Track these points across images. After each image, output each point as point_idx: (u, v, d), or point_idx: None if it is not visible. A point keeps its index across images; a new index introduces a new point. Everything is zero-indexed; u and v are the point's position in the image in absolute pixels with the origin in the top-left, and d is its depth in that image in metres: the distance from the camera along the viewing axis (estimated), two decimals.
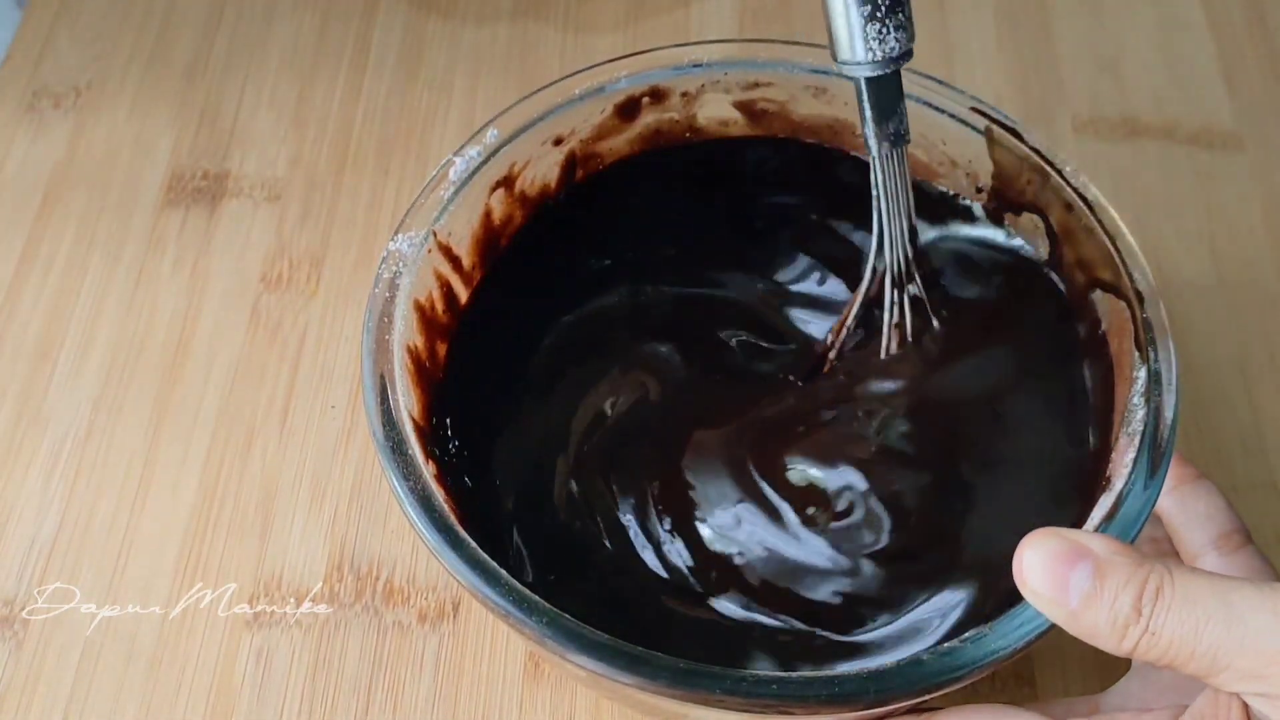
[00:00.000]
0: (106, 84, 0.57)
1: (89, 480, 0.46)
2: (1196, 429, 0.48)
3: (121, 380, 0.49)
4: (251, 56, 0.58)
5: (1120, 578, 0.29)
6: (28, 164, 0.55)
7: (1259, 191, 0.55)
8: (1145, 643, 0.28)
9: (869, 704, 0.30)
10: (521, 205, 0.42)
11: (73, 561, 0.44)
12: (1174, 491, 0.38)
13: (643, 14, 0.60)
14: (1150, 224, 0.53)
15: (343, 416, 0.48)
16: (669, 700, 0.30)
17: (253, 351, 0.49)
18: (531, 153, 0.41)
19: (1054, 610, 0.29)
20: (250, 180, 0.54)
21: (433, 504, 0.33)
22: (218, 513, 0.46)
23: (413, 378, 0.37)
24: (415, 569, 0.44)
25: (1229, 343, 0.50)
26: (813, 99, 0.42)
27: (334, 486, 0.46)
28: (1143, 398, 0.35)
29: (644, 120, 0.43)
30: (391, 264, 0.37)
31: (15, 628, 0.43)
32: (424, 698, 0.42)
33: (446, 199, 0.38)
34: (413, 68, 0.58)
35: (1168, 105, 0.57)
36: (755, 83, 0.42)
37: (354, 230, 0.53)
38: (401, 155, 0.55)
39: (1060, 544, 0.29)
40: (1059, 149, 0.40)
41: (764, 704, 0.30)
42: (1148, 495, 0.33)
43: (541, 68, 0.58)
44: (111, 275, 0.51)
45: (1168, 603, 0.28)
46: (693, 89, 0.42)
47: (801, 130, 0.43)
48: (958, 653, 0.31)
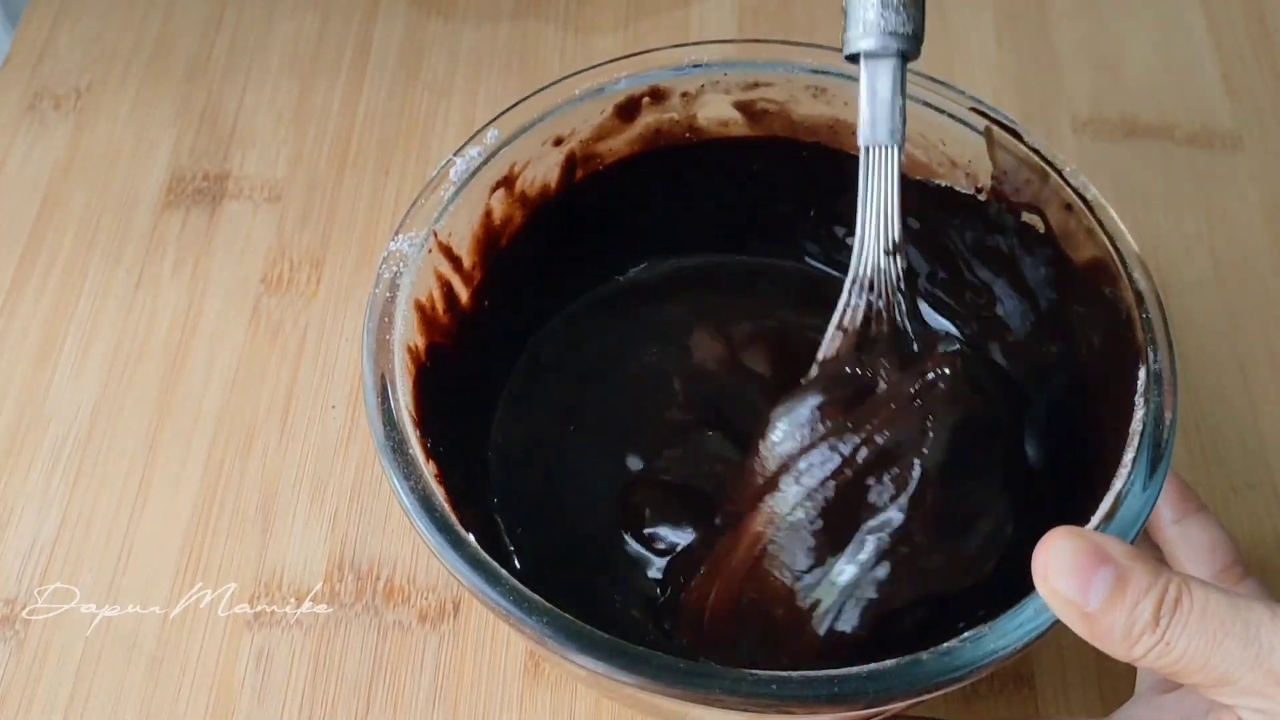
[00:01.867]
0: (107, 85, 0.57)
1: (89, 480, 0.46)
2: (1196, 429, 0.48)
3: (122, 381, 0.49)
4: (252, 57, 0.58)
5: (1141, 585, 0.28)
6: (28, 165, 0.55)
7: (1259, 191, 0.55)
8: (1157, 652, 0.28)
9: (869, 703, 0.30)
10: (522, 205, 0.42)
11: (73, 561, 0.44)
12: (1178, 524, 0.38)
13: (643, 14, 0.60)
14: (1150, 224, 0.53)
15: (343, 416, 0.48)
16: (669, 700, 0.31)
17: (253, 352, 0.49)
18: (532, 153, 0.41)
19: (1070, 611, 0.29)
20: (251, 181, 0.54)
21: (433, 504, 0.33)
22: (218, 513, 0.46)
23: (413, 378, 0.37)
24: (416, 569, 0.44)
25: (1229, 343, 0.50)
26: (812, 99, 0.42)
27: (334, 486, 0.46)
28: (1142, 398, 0.35)
29: (644, 120, 0.43)
30: (392, 264, 0.37)
31: (16, 628, 0.43)
32: (424, 697, 0.42)
33: (447, 199, 0.39)
34: (413, 68, 0.58)
35: (1167, 105, 0.57)
36: (755, 83, 0.42)
37: (354, 231, 0.53)
38: (402, 155, 0.55)
39: (1084, 545, 0.29)
40: (1058, 149, 0.40)
41: (764, 703, 0.30)
42: (1147, 495, 0.33)
43: (541, 68, 0.58)
44: (112, 276, 0.51)
45: (1186, 615, 0.28)
46: (692, 89, 0.42)
47: (801, 130, 0.43)
48: (957, 653, 0.30)
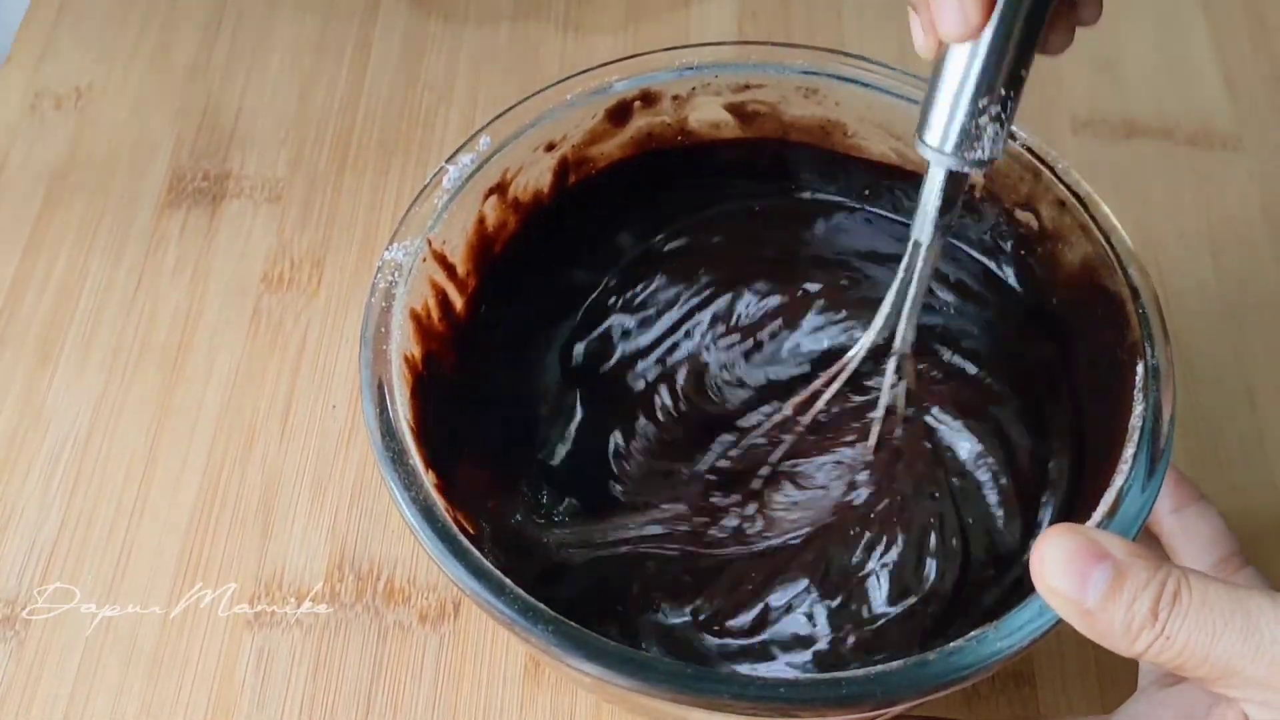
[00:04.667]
0: (108, 84, 0.57)
1: (90, 480, 0.46)
2: (1196, 429, 0.48)
3: (122, 381, 0.49)
4: (252, 57, 0.58)
5: (1139, 580, 0.28)
6: (29, 164, 0.55)
7: (1259, 191, 0.55)
8: (1158, 646, 0.28)
9: (876, 705, 0.30)
10: (515, 211, 0.42)
11: (73, 561, 0.44)
12: (1178, 513, 0.38)
13: (643, 15, 0.60)
14: (1150, 224, 0.53)
15: (344, 417, 0.48)
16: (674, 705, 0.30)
17: (254, 352, 0.49)
18: (524, 159, 0.41)
19: (1069, 608, 0.29)
20: (251, 181, 0.54)
21: (435, 514, 0.33)
22: (218, 513, 0.46)
23: (411, 387, 0.36)
24: (416, 569, 0.44)
25: (1229, 343, 0.50)
26: (803, 100, 0.42)
27: (335, 486, 0.46)
28: (1140, 393, 0.34)
29: (635, 124, 0.42)
30: (387, 273, 0.37)
31: (16, 628, 0.43)
32: (425, 698, 0.42)
33: (440, 207, 0.38)
34: (413, 68, 0.58)
35: (1167, 105, 0.57)
36: (746, 85, 0.42)
37: (355, 230, 0.53)
38: (402, 156, 0.55)
39: (1081, 542, 0.29)
40: (1058, 149, 0.40)
41: (770, 707, 0.30)
42: (1147, 494, 0.33)
43: (542, 68, 0.58)
44: (112, 276, 0.51)
45: (1185, 608, 0.28)
46: (684, 92, 0.42)
47: (792, 131, 0.43)
48: (962, 652, 0.30)
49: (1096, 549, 0.29)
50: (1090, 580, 0.29)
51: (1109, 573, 0.29)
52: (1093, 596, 0.29)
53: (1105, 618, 0.29)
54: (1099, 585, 0.28)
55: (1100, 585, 0.28)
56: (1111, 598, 0.28)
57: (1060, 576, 0.29)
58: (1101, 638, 0.29)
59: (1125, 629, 0.28)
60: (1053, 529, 0.30)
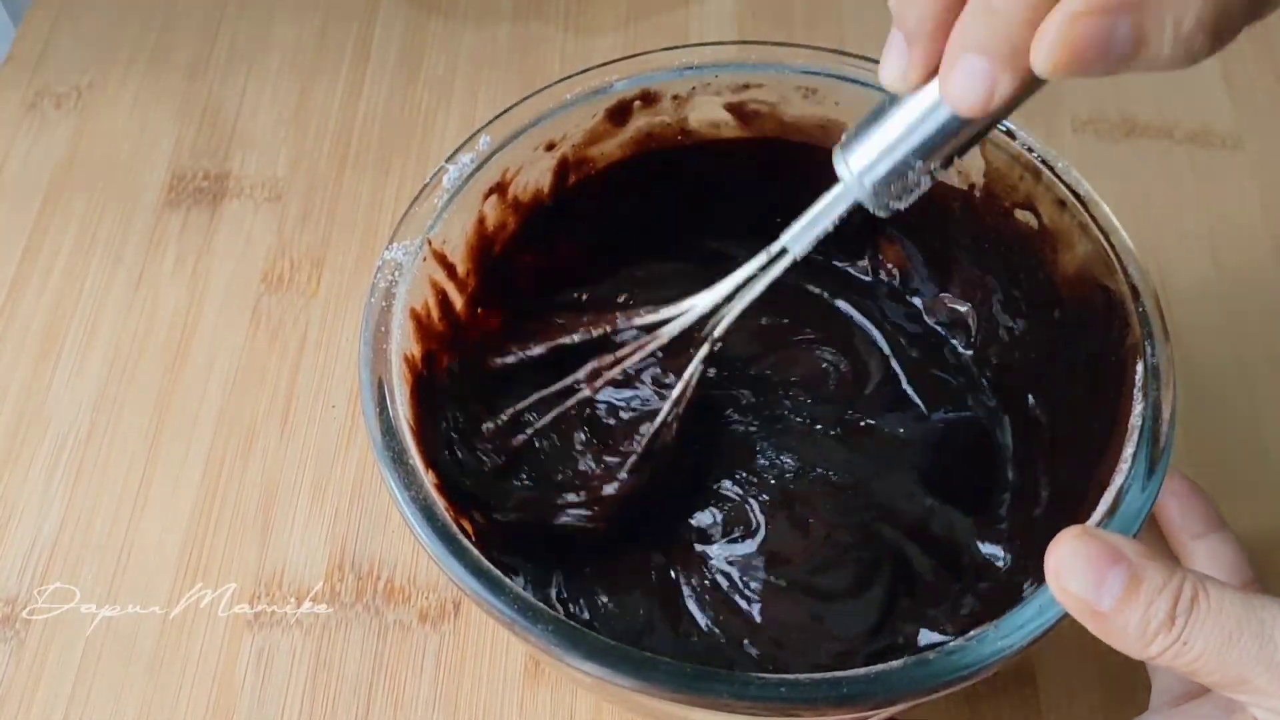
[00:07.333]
0: (108, 84, 0.57)
1: (90, 480, 0.46)
2: (1196, 429, 0.48)
3: (122, 380, 0.49)
4: (253, 57, 0.58)
5: (1155, 583, 0.29)
6: (29, 164, 0.55)
7: (1259, 191, 0.55)
8: (1174, 651, 0.28)
9: (876, 704, 0.30)
10: (515, 211, 0.42)
11: (73, 561, 0.44)
12: (1202, 539, 0.38)
13: (643, 14, 0.60)
14: (1150, 224, 0.53)
15: (344, 416, 0.48)
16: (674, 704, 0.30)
17: (253, 351, 0.49)
18: (524, 158, 0.41)
19: (1083, 611, 0.29)
20: (251, 180, 0.54)
21: (435, 514, 0.33)
22: (218, 512, 0.46)
23: (411, 387, 0.36)
24: (416, 569, 0.44)
25: (1229, 343, 0.50)
26: (803, 100, 0.42)
27: (335, 486, 0.46)
28: (1140, 392, 0.34)
29: (635, 124, 0.42)
30: (387, 273, 0.37)
31: (16, 627, 0.43)
32: (425, 697, 0.42)
33: (440, 206, 0.38)
34: (413, 68, 0.58)
35: (1167, 105, 0.57)
36: (746, 84, 0.42)
37: (355, 230, 0.53)
38: (402, 155, 0.55)
39: (1097, 545, 0.29)
40: (1058, 149, 0.40)
41: (770, 707, 0.30)
42: (1147, 493, 0.33)
43: (542, 68, 0.58)
44: (112, 275, 0.51)
45: (1202, 614, 0.28)
46: (684, 92, 0.42)
47: (792, 131, 0.43)
48: (964, 651, 0.31)
49: (1113, 551, 0.29)
50: (1106, 583, 0.29)
51: (1125, 576, 0.28)
52: (1108, 599, 0.28)
53: (1120, 621, 0.29)
54: (1114, 588, 0.28)
55: (1116, 588, 0.28)
56: (1128, 601, 0.28)
57: (1076, 579, 0.29)
58: (1115, 640, 0.29)
59: (1140, 632, 0.28)
60: (1068, 531, 0.30)
